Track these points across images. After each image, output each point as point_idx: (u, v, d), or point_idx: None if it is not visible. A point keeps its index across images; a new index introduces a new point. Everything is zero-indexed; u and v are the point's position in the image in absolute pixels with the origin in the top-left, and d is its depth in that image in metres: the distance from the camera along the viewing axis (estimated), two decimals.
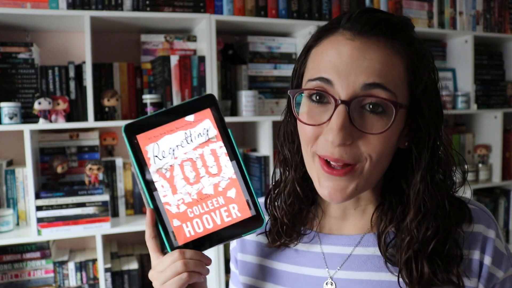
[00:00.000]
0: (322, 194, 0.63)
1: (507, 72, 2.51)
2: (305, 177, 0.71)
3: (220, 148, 0.61)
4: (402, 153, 0.66)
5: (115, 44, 1.93)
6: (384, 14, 0.63)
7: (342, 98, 0.58)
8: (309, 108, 0.63)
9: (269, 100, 1.98)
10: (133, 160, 0.59)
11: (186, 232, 0.60)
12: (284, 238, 0.72)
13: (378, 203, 0.69)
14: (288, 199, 0.72)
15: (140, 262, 1.84)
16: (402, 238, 0.63)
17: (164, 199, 0.60)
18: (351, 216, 0.71)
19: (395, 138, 0.62)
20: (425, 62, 0.63)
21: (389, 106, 0.59)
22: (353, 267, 0.68)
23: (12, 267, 1.67)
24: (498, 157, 2.37)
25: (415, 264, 0.62)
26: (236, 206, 0.61)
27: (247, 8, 1.88)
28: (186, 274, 0.58)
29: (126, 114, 1.84)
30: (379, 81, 0.58)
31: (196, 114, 0.61)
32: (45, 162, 1.77)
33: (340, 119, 0.58)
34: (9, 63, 1.68)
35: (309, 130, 0.62)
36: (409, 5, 2.20)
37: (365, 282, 0.66)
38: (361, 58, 0.59)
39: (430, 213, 0.62)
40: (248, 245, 0.78)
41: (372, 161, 0.60)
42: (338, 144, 0.58)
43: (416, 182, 0.63)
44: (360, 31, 0.60)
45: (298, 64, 0.68)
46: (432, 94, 0.63)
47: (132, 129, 0.59)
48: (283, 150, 0.73)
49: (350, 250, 0.69)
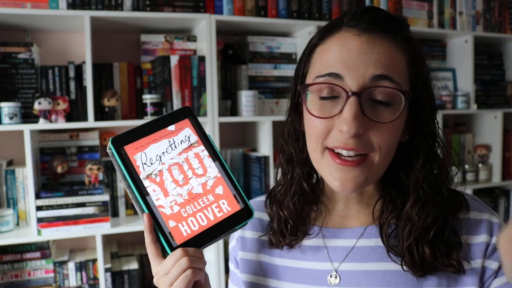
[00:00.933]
0: (334, 185, 0.65)
1: (507, 72, 2.51)
2: (309, 175, 0.73)
3: (202, 151, 0.65)
4: (400, 146, 0.68)
5: (115, 44, 1.93)
6: (385, 12, 0.66)
7: (353, 90, 0.61)
8: (318, 104, 0.64)
9: (269, 100, 1.98)
10: (123, 169, 0.61)
11: (182, 231, 0.61)
12: (289, 237, 0.72)
13: (379, 196, 0.71)
14: (293, 198, 0.73)
15: (140, 262, 1.84)
16: (403, 226, 0.65)
17: (157, 202, 0.61)
18: (354, 211, 0.72)
19: (401, 129, 0.65)
20: (423, 58, 0.67)
21: (397, 96, 0.62)
22: (357, 258, 0.69)
23: (12, 267, 1.67)
24: (498, 157, 2.37)
25: (417, 249, 0.64)
26: (226, 201, 0.63)
27: (247, 8, 1.88)
28: (191, 270, 0.58)
29: (126, 114, 1.84)
30: (386, 73, 0.61)
31: (177, 124, 0.65)
32: (45, 162, 1.77)
33: (353, 109, 0.60)
34: (9, 63, 1.68)
35: (320, 124, 0.64)
36: (409, 5, 2.20)
37: (370, 273, 0.67)
38: (368, 52, 0.61)
39: (429, 200, 0.65)
40: (249, 243, 0.78)
41: (382, 152, 0.63)
42: (354, 133, 0.60)
43: (416, 171, 0.66)
44: (366, 28, 0.63)
45: (302, 64, 0.70)
46: (430, 89, 0.67)
47: (119, 141, 0.62)
48: (288, 149, 0.74)
49: (353, 242, 0.70)
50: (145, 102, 1.75)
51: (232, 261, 0.83)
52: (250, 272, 0.77)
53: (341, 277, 0.68)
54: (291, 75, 2.00)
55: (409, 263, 0.64)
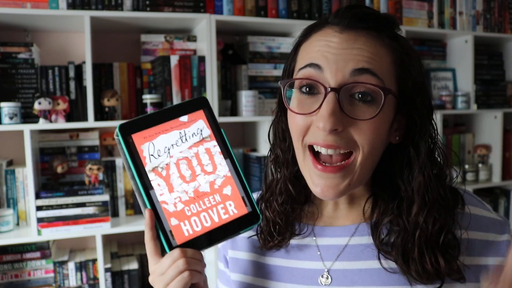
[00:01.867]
0: (315, 191, 0.64)
1: (507, 72, 2.51)
2: (297, 175, 0.71)
3: (214, 147, 0.62)
4: (394, 150, 0.67)
5: (115, 44, 1.93)
6: (370, 9, 0.65)
7: (332, 85, 0.60)
8: (299, 100, 0.64)
9: (269, 100, 1.98)
10: (128, 159, 0.58)
11: (184, 231, 0.58)
12: (277, 238, 0.71)
13: (369, 194, 0.70)
14: (280, 198, 0.72)
15: (140, 262, 1.84)
16: (408, 232, 0.63)
17: (161, 197, 0.59)
18: (344, 210, 0.71)
19: (385, 128, 0.63)
20: (413, 57, 0.65)
21: (377, 93, 0.60)
22: (350, 257, 0.67)
23: (12, 267, 1.67)
24: (498, 157, 2.37)
25: (420, 257, 0.62)
26: (233, 203, 0.61)
27: (247, 8, 1.88)
28: (188, 272, 0.57)
29: (126, 114, 1.84)
30: (367, 67, 0.60)
31: (190, 115, 0.61)
32: (45, 162, 1.77)
33: (330, 105, 0.59)
34: (9, 63, 1.68)
35: (300, 120, 0.63)
36: (409, 5, 2.20)
37: (364, 271, 0.66)
38: (349, 47, 0.61)
39: (434, 205, 0.63)
40: (240, 242, 0.77)
41: (364, 153, 0.61)
42: (329, 129, 0.59)
43: (416, 175, 0.64)
44: (348, 25, 0.62)
45: (289, 61, 0.70)
46: (423, 89, 0.65)
47: (127, 128, 0.59)
48: (275, 149, 0.74)
49: (346, 241, 0.69)
50: (145, 102, 1.75)
51: (221, 260, 0.82)
52: (241, 272, 0.75)
53: (333, 277, 0.67)
54: None
55: (412, 270, 0.62)
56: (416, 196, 0.63)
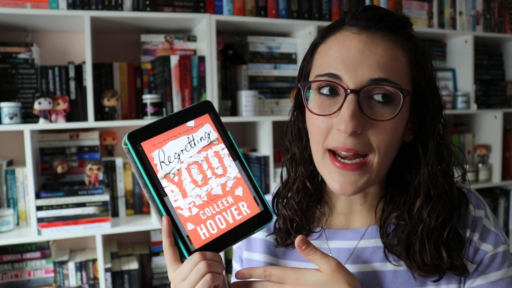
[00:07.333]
0: (333, 187, 0.65)
1: (507, 72, 2.51)
2: (313, 174, 0.73)
3: (222, 150, 0.63)
4: (405, 147, 0.68)
5: (115, 44, 1.93)
6: (386, 10, 0.66)
7: (351, 87, 0.61)
8: (318, 102, 0.65)
9: (269, 100, 1.98)
10: (140, 168, 0.58)
11: (201, 235, 0.59)
12: (294, 235, 0.72)
13: (382, 194, 0.71)
14: (297, 196, 0.73)
15: (140, 262, 1.84)
16: (412, 225, 0.65)
17: (176, 203, 0.59)
18: (357, 212, 0.72)
19: (401, 128, 0.64)
20: (426, 57, 0.66)
21: (396, 94, 0.61)
22: (359, 260, 0.69)
23: (12, 267, 1.67)
24: (498, 157, 2.37)
25: (422, 249, 0.63)
26: (245, 203, 0.61)
27: (247, 8, 1.88)
28: (210, 275, 0.56)
29: (126, 114, 1.84)
30: (384, 76, 0.61)
31: (196, 120, 0.62)
32: (45, 162, 1.77)
33: (350, 107, 0.60)
34: (9, 63, 1.67)
35: (320, 122, 0.64)
36: (409, 5, 2.20)
37: (373, 273, 0.67)
38: (367, 51, 0.61)
39: (439, 200, 0.64)
40: (254, 243, 0.78)
41: (380, 153, 0.62)
42: (351, 132, 0.60)
43: (423, 171, 0.65)
44: (366, 26, 0.63)
45: (305, 63, 0.70)
46: (434, 88, 0.67)
47: (136, 137, 0.58)
48: (292, 148, 0.74)
49: (355, 244, 0.70)
50: (145, 102, 1.75)
51: (236, 260, 0.82)
52: None
53: None
54: (291, 75, 2.01)
55: (413, 263, 0.64)
56: (422, 191, 0.65)
